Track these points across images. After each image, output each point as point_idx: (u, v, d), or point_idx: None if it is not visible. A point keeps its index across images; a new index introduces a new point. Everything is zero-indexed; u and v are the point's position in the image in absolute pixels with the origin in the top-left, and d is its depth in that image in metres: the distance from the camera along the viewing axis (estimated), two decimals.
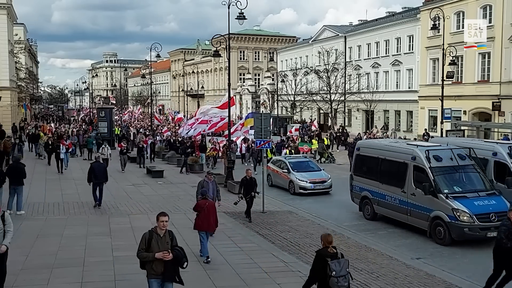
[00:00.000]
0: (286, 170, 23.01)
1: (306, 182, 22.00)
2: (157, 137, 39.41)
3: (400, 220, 15.65)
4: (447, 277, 11.32)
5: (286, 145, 33.55)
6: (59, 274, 10.87)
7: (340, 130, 45.52)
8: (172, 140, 35.93)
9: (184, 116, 60.80)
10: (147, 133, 42.12)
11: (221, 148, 30.17)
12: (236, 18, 23.02)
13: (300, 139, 37.69)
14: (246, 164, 30.76)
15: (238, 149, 31.69)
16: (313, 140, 36.73)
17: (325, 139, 38.05)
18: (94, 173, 17.92)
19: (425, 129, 38.86)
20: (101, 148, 26.89)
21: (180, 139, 35.21)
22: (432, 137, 33.61)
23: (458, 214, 13.63)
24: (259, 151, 29.62)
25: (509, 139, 25.66)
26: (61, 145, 27.51)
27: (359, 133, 42.25)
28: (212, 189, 14.06)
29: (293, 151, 31.49)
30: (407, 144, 16.84)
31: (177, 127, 43.79)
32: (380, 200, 16.50)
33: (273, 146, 30.51)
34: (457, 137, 24.89)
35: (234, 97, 30.84)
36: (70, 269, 11.20)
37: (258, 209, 17.90)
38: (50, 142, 30.05)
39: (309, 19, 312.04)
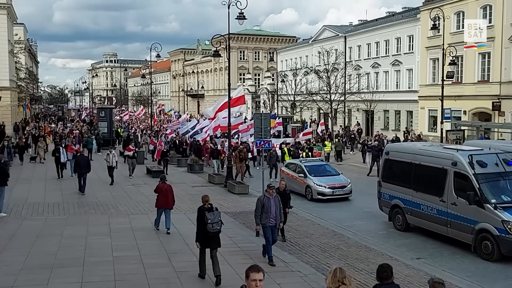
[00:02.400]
0: (302, 175, 21.49)
1: (325, 187, 20.52)
2: (162, 138, 38.39)
3: (439, 233, 14.22)
4: (447, 277, 11.29)
5: (301, 148, 31.46)
6: (59, 274, 10.87)
7: (356, 131, 44.15)
8: (177, 142, 34.36)
9: (190, 117, 58.69)
10: (153, 134, 41.24)
11: (233, 153, 26.65)
12: (236, 18, 23.02)
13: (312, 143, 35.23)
14: (258, 168, 29.00)
15: (250, 152, 29.67)
16: (326, 142, 34.34)
17: (336, 140, 36.06)
18: (79, 165, 20.80)
19: (406, 129, 38.43)
20: (106, 154, 23.79)
21: (186, 141, 34.07)
22: (422, 138, 33.56)
23: (509, 226, 12.31)
24: (276, 155, 28.81)
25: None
26: (61, 147, 25.67)
27: (395, 135, 37.85)
28: (275, 207, 11.86)
29: (309, 154, 29.75)
30: (444, 147, 15.37)
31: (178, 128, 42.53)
32: (413, 209, 14.96)
33: (290, 148, 29.68)
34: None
35: (244, 95, 29.06)
36: (70, 269, 11.20)
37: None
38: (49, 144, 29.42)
39: (310, 19, 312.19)
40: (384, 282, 6.05)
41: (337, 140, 34.46)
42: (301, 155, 28.26)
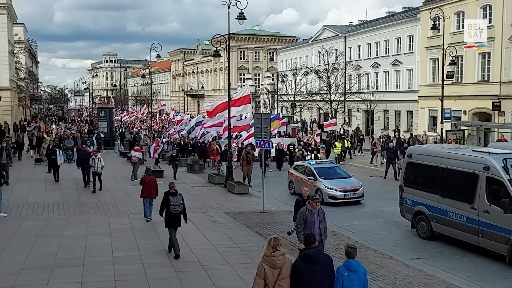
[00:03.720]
0: (311, 177, 20.56)
1: (336, 190, 19.67)
2: (164, 140, 36.98)
3: (469, 242, 13.22)
4: (447, 277, 11.32)
5: (310, 149, 30.28)
6: (59, 274, 10.87)
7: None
8: (182, 143, 32.80)
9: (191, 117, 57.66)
10: (156, 135, 40.60)
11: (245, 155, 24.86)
12: (236, 18, 23.00)
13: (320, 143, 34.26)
14: (270, 171, 28.36)
15: (257, 153, 28.38)
16: (336, 143, 33.23)
17: (345, 141, 34.65)
18: (81, 160, 22.35)
19: (396, 127, 37.82)
20: (91, 159, 21.45)
21: (192, 142, 33.00)
22: (407, 140, 32.92)
23: None
24: (279, 154, 28.36)
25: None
26: (57, 150, 24.86)
27: (411, 135, 36.04)
28: (318, 221, 10.64)
29: (318, 155, 28.71)
30: (474, 150, 14.13)
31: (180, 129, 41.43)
32: (440, 216, 13.94)
33: (302, 149, 28.99)
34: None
35: (249, 94, 27.57)
36: (70, 269, 11.20)
37: (258, 209, 17.90)
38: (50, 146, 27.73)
39: (310, 19, 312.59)
40: (309, 247, 7.36)
41: (339, 144, 33.04)
42: (308, 157, 27.34)
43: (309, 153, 28.99)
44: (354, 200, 19.85)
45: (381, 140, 34.12)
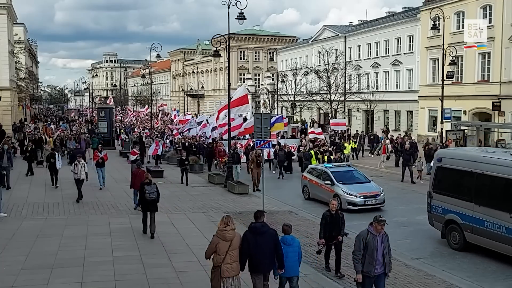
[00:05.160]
0: (328, 182, 19.34)
1: (356, 196, 18.43)
2: (167, 140, 36.56)
3: (509, 255, 12.15)
4: (447, 277, 11.32)
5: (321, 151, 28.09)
6: (59, 274, 10.87)
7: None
8: (187, 144, 31.91)
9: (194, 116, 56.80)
10: (158, 136, 40.07)
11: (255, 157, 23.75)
12: (236, 18, 22.99)
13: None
14: (274, 172, 28.00)
15: (266, 154, 27.20)
16: (346, 144, 32.26)
17: (351, 143, 33.85)
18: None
19: (385, 126, 36.85)
20: (73, 165, 19.61)
21: (197, 143, 32.15)
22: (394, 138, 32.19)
23: None
24: (286, 156, 27.25)
25: None
26: (56, 153, 23.56)
27: (406, 139, 32.33)
28: (382, 248, 8.79)
29: (331, 157, 26.84)
30: None
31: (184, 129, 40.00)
32: (475, 226, 12.85)
33: (317, 151, 27.21)
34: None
35: (247, 94, 27.30)
36: (70, 269, 11.20)
37: (258, 209, 17.86)
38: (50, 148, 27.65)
39: (311, 19, 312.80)
40: (257, 221, 8.63)
41: (348, 144, 32.29)
42: (335, 156, 26.27)
43: (333, 153, 27.28)
44: (375, 207, 18.45)
45: (397, 141, 32.46)
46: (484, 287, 10.83)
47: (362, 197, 18.43)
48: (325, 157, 26.35)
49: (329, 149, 29.15)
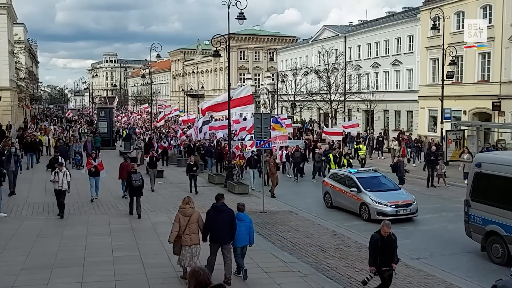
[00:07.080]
0: (354, 189, 17.76)
1: (386, 205, 16.76)
2: (172, 141, 35.41)
3: None
4: (447, 277, 11.32)
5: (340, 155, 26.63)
6: (59, 274, 10.87)
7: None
8: (192, 145, 30.61)
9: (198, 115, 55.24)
10: (162, 136, 39.16)
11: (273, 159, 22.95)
12: (236, 18, 22.98)
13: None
14: (290, 176, 26.80)
15: (278, 157, 26.56)
16: (360, 146, 30.90)
17: (360, 146, 31.88)
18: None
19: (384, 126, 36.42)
20: (53, 173, 16.33)
21: (204, 145, 30.47)
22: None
23: None
24: (302, 159, 26.05)
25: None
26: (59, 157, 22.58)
27: (431, 140, 30.50)
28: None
29: (351, 160, 25.80)
30: None
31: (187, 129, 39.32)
32: None
33: (336, 154, 25.55)
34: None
35: (252, 94, 26.38)
36: (70, 269, 11.20)
37: (258, 209, 17.90)
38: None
39: (312, 19, 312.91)
40: (217, 202, 10.51)
41: (363, 146, 31.27)
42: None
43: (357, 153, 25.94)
44: (407, 217, 16.92)
45: (419, 142, 31.24)
46: (484, 287, 10.83)
47: (393, 206, 16.77)
48: (345, 161, 24.74)
49: (350, 152, 27.75)
